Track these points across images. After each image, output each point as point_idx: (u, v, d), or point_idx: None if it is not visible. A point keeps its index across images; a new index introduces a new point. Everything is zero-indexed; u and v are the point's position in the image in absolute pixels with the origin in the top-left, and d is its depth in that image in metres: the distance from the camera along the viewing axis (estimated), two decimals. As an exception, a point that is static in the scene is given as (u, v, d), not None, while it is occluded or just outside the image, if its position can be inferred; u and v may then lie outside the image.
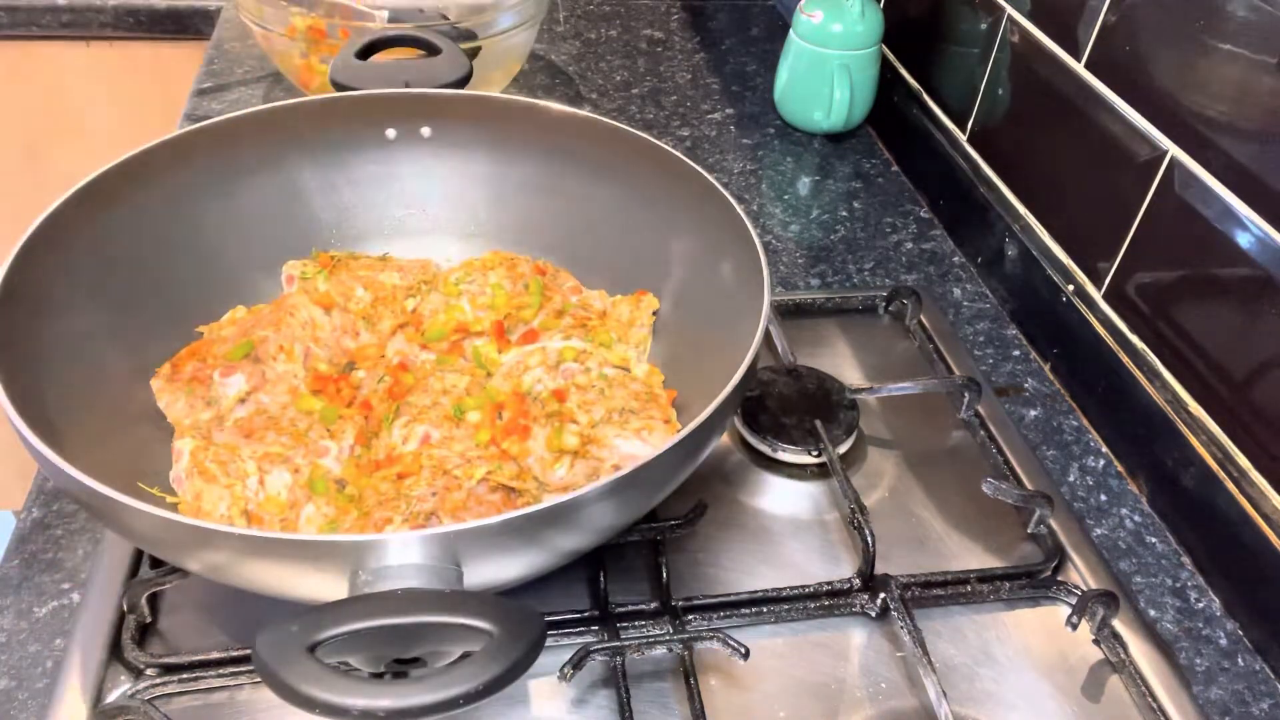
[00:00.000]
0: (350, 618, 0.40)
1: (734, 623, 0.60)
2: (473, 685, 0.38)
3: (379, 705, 0.37)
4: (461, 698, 0.38)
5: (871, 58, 1.03)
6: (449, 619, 0.40)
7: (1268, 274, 0.61)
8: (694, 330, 0.68)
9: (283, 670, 0.38)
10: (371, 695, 0.37)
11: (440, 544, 0.43)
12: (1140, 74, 0.71)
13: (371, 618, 0.40)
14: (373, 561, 0.42)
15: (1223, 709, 0.59)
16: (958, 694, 0.57)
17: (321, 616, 0.39)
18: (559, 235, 0.76)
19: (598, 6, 1.32)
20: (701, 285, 0.67)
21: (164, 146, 0.66)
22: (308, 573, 0.44)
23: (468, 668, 0.39)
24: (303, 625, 0.39)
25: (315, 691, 0.37)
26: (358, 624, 0.39)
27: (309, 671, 0.38)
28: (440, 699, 0.38)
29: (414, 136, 0.75)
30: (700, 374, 0.62)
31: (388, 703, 0.37)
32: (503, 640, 0.39)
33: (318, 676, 0.38)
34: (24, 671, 0.56)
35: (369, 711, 0.37)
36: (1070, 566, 0.64)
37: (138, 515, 0.43)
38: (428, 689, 0.38)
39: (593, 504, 0.46)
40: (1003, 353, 0.83)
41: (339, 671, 0.38)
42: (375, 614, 0.40)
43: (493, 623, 0.40)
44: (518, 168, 0.75)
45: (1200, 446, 0.66)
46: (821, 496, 0.68)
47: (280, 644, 0.38)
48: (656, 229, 0.71)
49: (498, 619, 0.40)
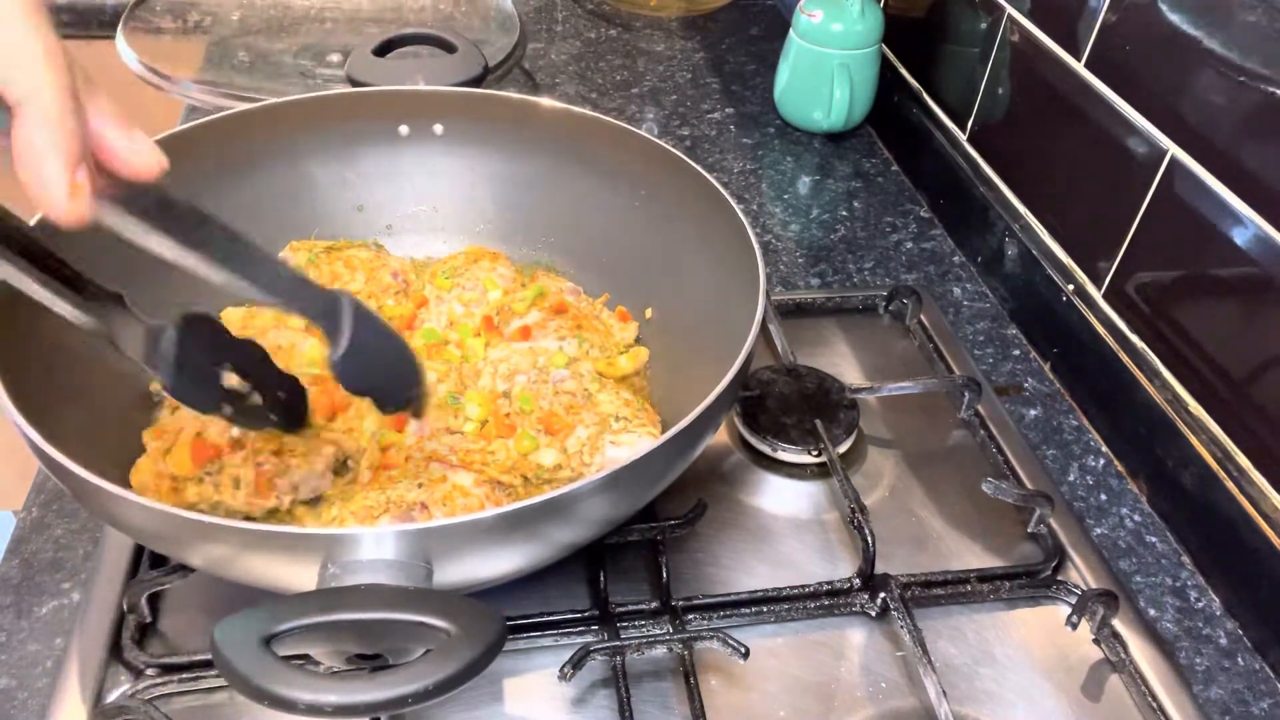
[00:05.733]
0: (308, 611, 0.40)
1: (734, 622, 0.60)
2: (423, 684, 0.38)
3: (325, 700, 0.37)
4: (411, 696, 0.38)
5: (871, 57, 1.03)
6: (406, 616, 0.40)
7: (1267, 273, 0.61)
8: (692, 329, 0.68)
9: (235, 660, 0.38)
10: (318, 690, 0.37)
11: (410, 540, 0.42)
12: (1140, 74, 0.71)
13: (329, 612, 0.40)
14: (342, 555, 0.42)
15: (1223, 708, 0.59)
16: (958, 693, 0.57)
17: (278, 609, 0.39)
18: (562, 234, 0.76)
19: (598, 6, 1.32)
20: (700, 284, 0.68)
21: (174, 139, 0.66)
22: (281, 563, 0.44)
23: (420, 665, 0.38)
24: (259, 617, 0.39)
25: (264, 683, 0.37)
26: (314, 618, 0.39)
27: (260, 664, 0.38)
28: (389, 696, 0.38)
29: (426, 133, 0.76)
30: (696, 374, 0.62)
31: (334, 698, 0.37)
32: (460, 640, 0.39)
33: (269, 669, 0.37)
34: (24, 671, 0.56)
35: (315, 706, 0.37)
36: (1070, 566, 0.64)
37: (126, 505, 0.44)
38: (377, 685, 0.38)
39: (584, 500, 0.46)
40: (1003, 352, 0.83)
41: (289, 665, 0.38)
42: (333, 609, 0.40)
43: (450, 622, 0.39)
44: (525, 166, 0.76)
45: (1200, 446, 0.66)
46: (821, 496, 0.68)
47: (236, 634, 0.38)
48: (657, 228, 0.71)
49: (456, 618, 0.39)
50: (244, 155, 0.70)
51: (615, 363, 0.69)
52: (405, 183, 0.77)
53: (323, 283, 0.69)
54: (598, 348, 0.69)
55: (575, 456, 0.61)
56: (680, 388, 0.66)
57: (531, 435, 0.62)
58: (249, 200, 0.71)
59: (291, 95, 0.71)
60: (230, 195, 0.70)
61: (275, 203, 0.72)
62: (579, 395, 0.64)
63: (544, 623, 0.58)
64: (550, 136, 0.74)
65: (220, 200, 0.69)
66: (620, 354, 0.69)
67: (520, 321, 0.69)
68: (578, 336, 0.68)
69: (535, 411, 0.63)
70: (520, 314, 0.70)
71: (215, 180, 0.69)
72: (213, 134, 0.68)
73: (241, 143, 0.70)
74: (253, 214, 0.71)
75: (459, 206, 0.78)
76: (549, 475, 0.60)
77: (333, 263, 0.71)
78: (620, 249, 0.73)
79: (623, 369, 0.68)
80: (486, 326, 0.69)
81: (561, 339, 0.68)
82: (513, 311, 0.70)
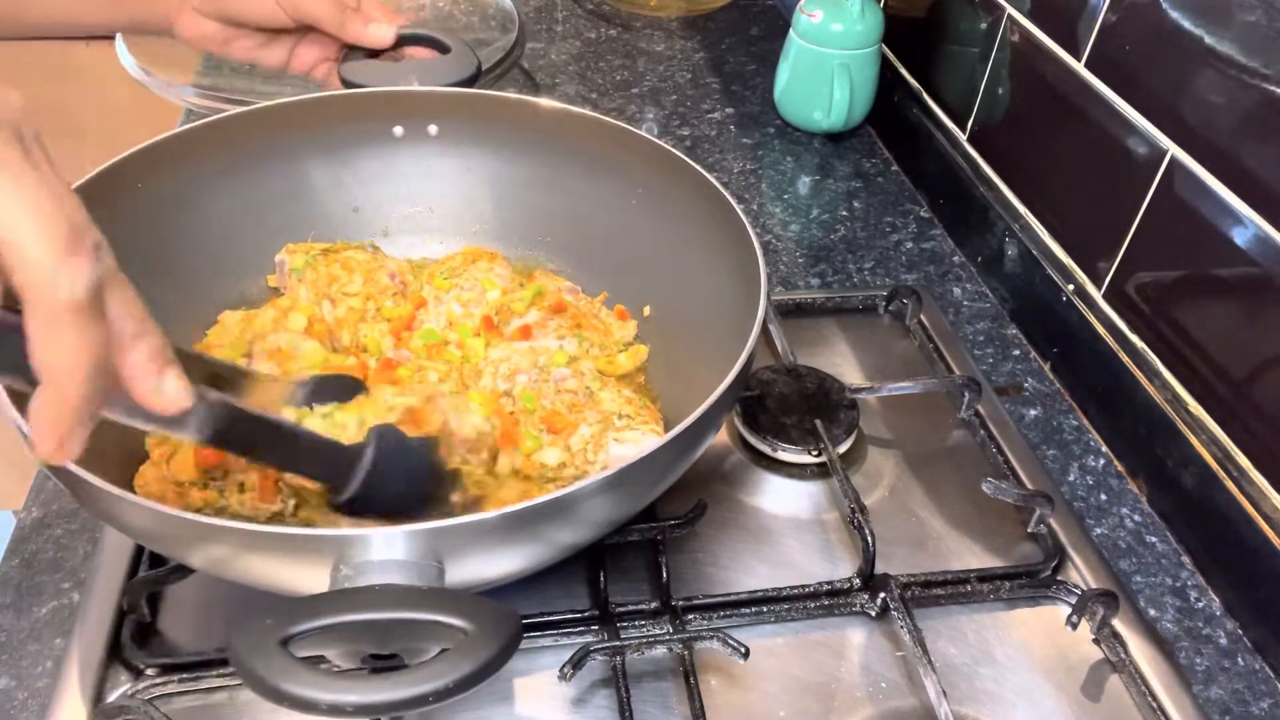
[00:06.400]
0: (324, 612, 0.40)
1: (734, 622, 0.60)
2: (442, 683, 0.38)
3: (347, 700, 0.37)
4: (431, 695, 0.38)
5: (871, 57, 1.03)
6: (423, 616, 0.40)
7: (1267, 274, 0.61)
8: (692, 329, 0.68)
9: (254, 663, 0.38)
10: (340, 690, 0.37)
11: (421, 540, 0.42)
12: (1140, 74, 0.71)
13: (345, 613, 0.40)
14: (353, 556, 0.42)
15: (1223, 708, 0.59)
16: (958, 693, 0.57)
17: (295, 610, 0.39)
18: (561, 233, 0.76)
19: (598, 6, 1.32)
20: (700, 284, 0.67)
21: (171, 141, 0.66)
22: (291, 566, 0.44)
23: (438, 664, 0.38)
24: (276, 619, 0.39)
25: (285, 685, 0.37)
26: (331, 618, 0.39)
27: (280, 665, 0.38)
28: (409, 695, 0.38)
29: (421, 134, 0.75)
30: (697, 373, 0.62)
31: (355, 698, 0.37)
32: (476, 638, 0.39)
33: (288, 670, 0.37)
34: (24, 671, 0.56)
35: (336, 706, 0.37)
36: (1070, 566, 0.64)
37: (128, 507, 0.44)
38: (397, 685, 0.38)
39: (585, 501, 0.46)
40: (1003, 352, 0.83)
41: (309, 666, 0.38)
42: (349, 609, 0.40)
43: (467, 620, 0.39)
44: (522, 166, 0.76)
45: (1200, 446, 0.66)
46: (821, 496, 0.68)
47: (253, 637, 0.38)
48: (657, 228, 0.71)
49: (472, 617, 0.40)
50: (240, 158, 0.70)
51: (615, 361, 0.69)
52: (401, 184, 0.77)
53: (320, 285, 0.69)
54: (597, 346, 0.69)
55: (579, 454, 0.61)
56: (680, 386, 0.66)
57: (534, 435, 0.62)
58: (245, 203, 0.71)
59: (287, 97, 0.71)
60: (227, 198, 0.70)
61: (272, 205, 0.72)
62: (581, 394, 0.64)
63: (544, 623, 0.58)
64: (549, 136, 0.74)
65: (217, 203, 0.70)
66: (620, 352, 0.70)
67: (520, 321, 0.69)
68: (577, 335, 0.68)
69: (538, 411, 0.63)
70: (519, 313, 0.70)
71: (212, 183, 0.69)
72: (209, 137, 0.68)
73: (238, 145, 0.70)
74: (249, 216, 0.71)
75: (456, 207, 0.77)
76: (553, 474, 0.60)
77: (330, 264, 0.71)
78: (619, 249, 0.73)
79: (623, 367, 0.69)
80: (486, 326, 0.69)
81: (561, 338, 0.68)
82: (512, 311, 0.70)
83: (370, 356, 0.67)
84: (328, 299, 0.69)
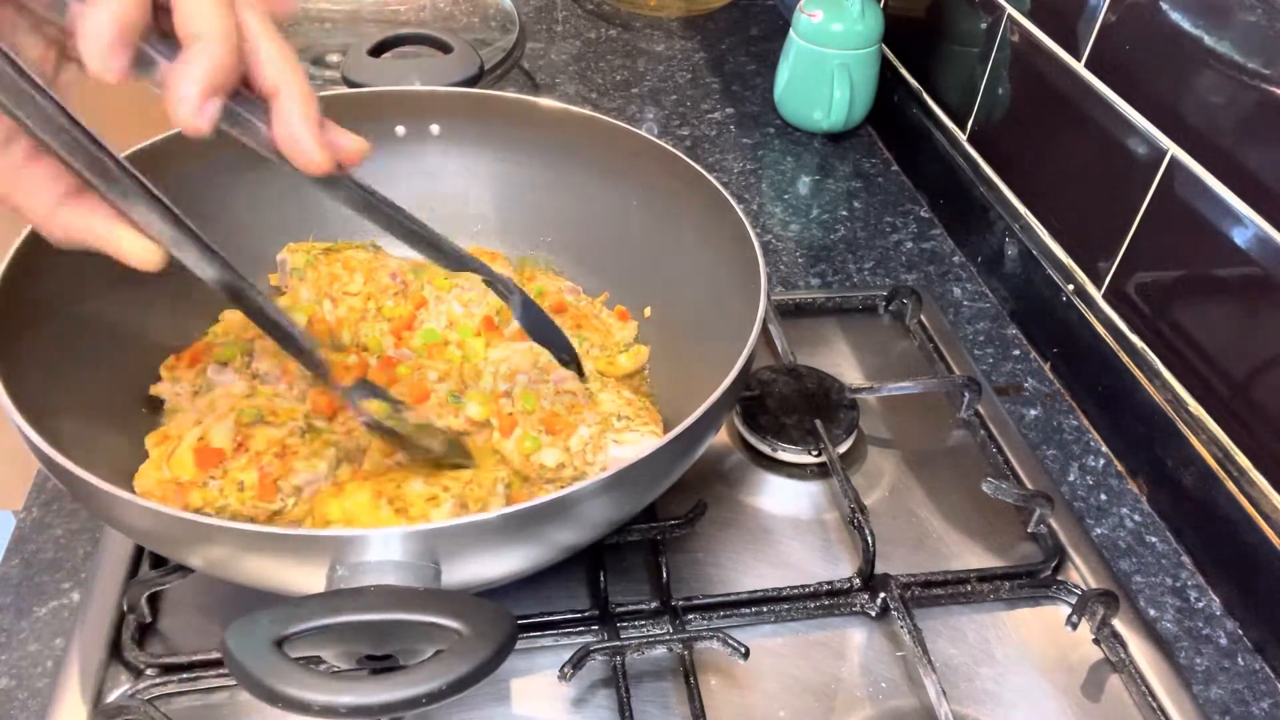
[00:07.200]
0: (319, 613, 0.40)
1: (734, 622, 0.60)
2: (437, 684, 0.38)
3: (340, 701, 0.37)
4: (425, 696, 0.38)
5: (871, 57, 1.03)
6: (417, 617, 0.40)
7: (1267, 273, 0.61)
8: (692, 329, 0.68)
9: (248, 664, 0.38)
10: (334, 691, 0.37)
11: (417, 541, 0.42)
12: (1140, 74, 0.71)
13: (340, 614, 0.40)
14: (349, 556, 0.42)
15: (1223, 708, 0.59)
16: (958, 693, 0.57)
17: (290, 611, 0.39)
18: (561, 234, 0.76)
19: (598, 6, 1.32)
20: (700, 285, 0.67)
21: (174, 140, 0.66)
22: (288, 566, 0.44)
23: (433, 666, 0.38)
24: (271, 619, 0.39)
25: (278, 686, 0.37)
26: (327, 619, 0.39)
27: (274, 666, 0.38)
28: (403, 697, 0.38)
29: (423, 134, 0.75)
30: (697, 373, 0.62)
31: (349, 699, 0.37)
32: (471, 640, 0.39)
33: (282, 671, 0.37)
34: (24, 671, 0.56)
35: (330, 707, 0.37)
36: (1070, 566, 0.64)
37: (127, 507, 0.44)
38: (391, 686, 0.38)
39: (584, 501, 0.46)
40: (1003, 352, 0.83)
41: (303, 666, 0.38)
42: (344, 610, 0.40)
43: (462, 622, 0.39)
44: (523, 166, 0.76)
45: (1200, 446, 0.66)
46: (821, 496, 0.68)
47: (248, 637, 0.38)
48: (657, 228, 0.71)
49: (467, 618, 0.40)
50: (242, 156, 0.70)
51: (615, 361, 0.69)
52: (402, 183, 0.76)
53: (321, 285, 0.70)
54: (598, 346, 0.69)
55: (578, 456, 0.61)
56: (680, 387, 0.66)
57: (533, 435, 0.62)
58: (247, 201, 0.71)
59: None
60: (229, 196, 0.70)
61: (273, 203, 0.72)
62: (580, 395, 0.64)
63: (544, 623, 0.58)
64: (549, 137, 0.74)
65: (219, 201, 0.70)
66: (620, 353, 0.69)
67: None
68: (577, 335, 0.68)
69: (537, 411, 0.63)
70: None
71: (215, 180, 0.69)
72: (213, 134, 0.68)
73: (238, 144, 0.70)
74: (251, 214, 0.71)
75: (456, 207, 0.77)
76: (552, 475, 0.60)
77: (331, 264, 0.71)
78: (619, 249, 0.73)
79: (623, 368, 0.69)
80: (486, 326, 0.69)
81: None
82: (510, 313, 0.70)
83: (371, 355, 0.67)
84: (329, 298, 0.69)
